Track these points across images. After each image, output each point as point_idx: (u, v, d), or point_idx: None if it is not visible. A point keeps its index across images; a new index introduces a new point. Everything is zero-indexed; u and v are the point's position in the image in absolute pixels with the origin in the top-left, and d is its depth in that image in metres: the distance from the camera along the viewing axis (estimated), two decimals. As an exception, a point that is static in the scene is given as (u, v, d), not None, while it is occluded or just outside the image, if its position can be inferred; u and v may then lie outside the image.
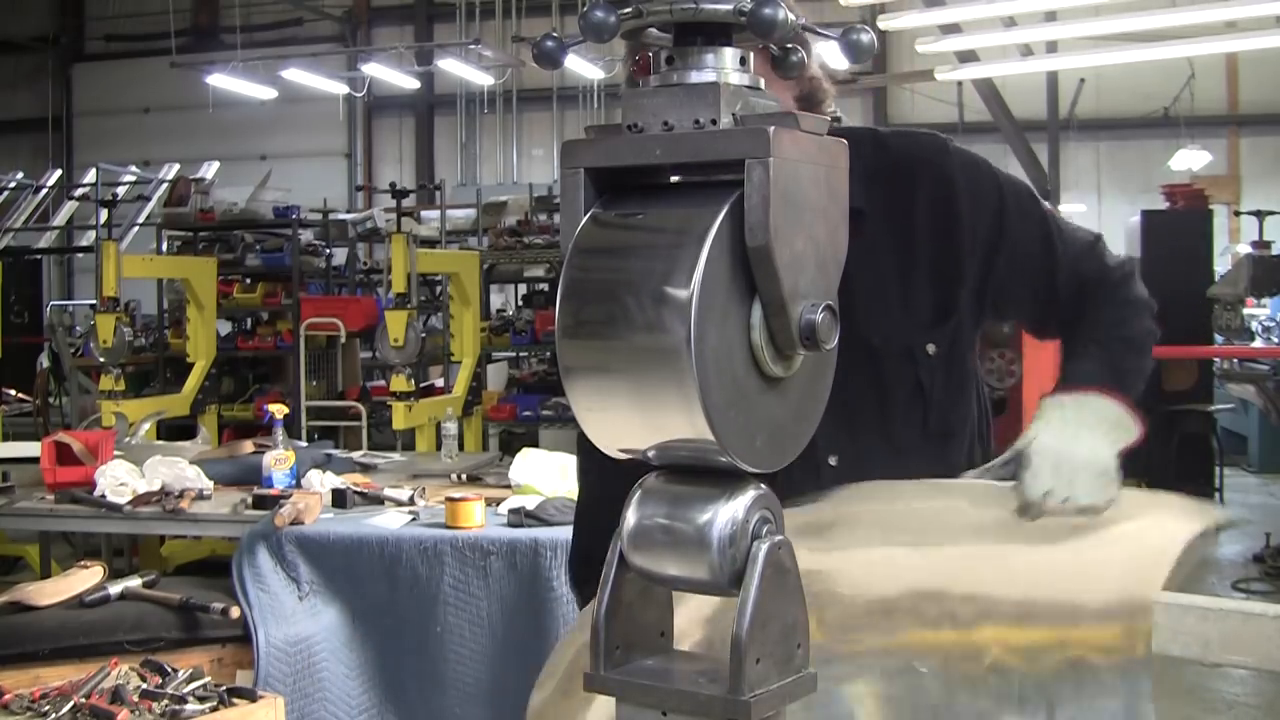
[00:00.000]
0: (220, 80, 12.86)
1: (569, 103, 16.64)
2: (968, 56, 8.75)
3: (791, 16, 1.08)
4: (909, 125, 12.68)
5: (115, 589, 3.77)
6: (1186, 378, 9.46)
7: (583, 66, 12.91)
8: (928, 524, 1.52)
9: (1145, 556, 1.56)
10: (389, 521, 4.04)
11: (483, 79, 13.92)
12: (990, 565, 1.52)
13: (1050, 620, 1.51)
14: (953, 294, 1.81)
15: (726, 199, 1.07)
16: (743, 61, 1.13)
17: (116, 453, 4.92)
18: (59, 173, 14.95)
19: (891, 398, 1.78)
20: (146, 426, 6.51)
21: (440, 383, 9.16)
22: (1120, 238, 11.02)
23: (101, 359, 7.01)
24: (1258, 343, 10.94)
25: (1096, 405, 1.65)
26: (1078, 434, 1.58)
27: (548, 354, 10.32)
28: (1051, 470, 1.51)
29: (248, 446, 5.24)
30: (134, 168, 14.22)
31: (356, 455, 5.61)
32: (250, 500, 4.41)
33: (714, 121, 1.08)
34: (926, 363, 1.79)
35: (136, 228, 11.60)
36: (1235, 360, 9.85)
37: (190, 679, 3.25)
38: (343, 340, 9.30)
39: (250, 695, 3.27)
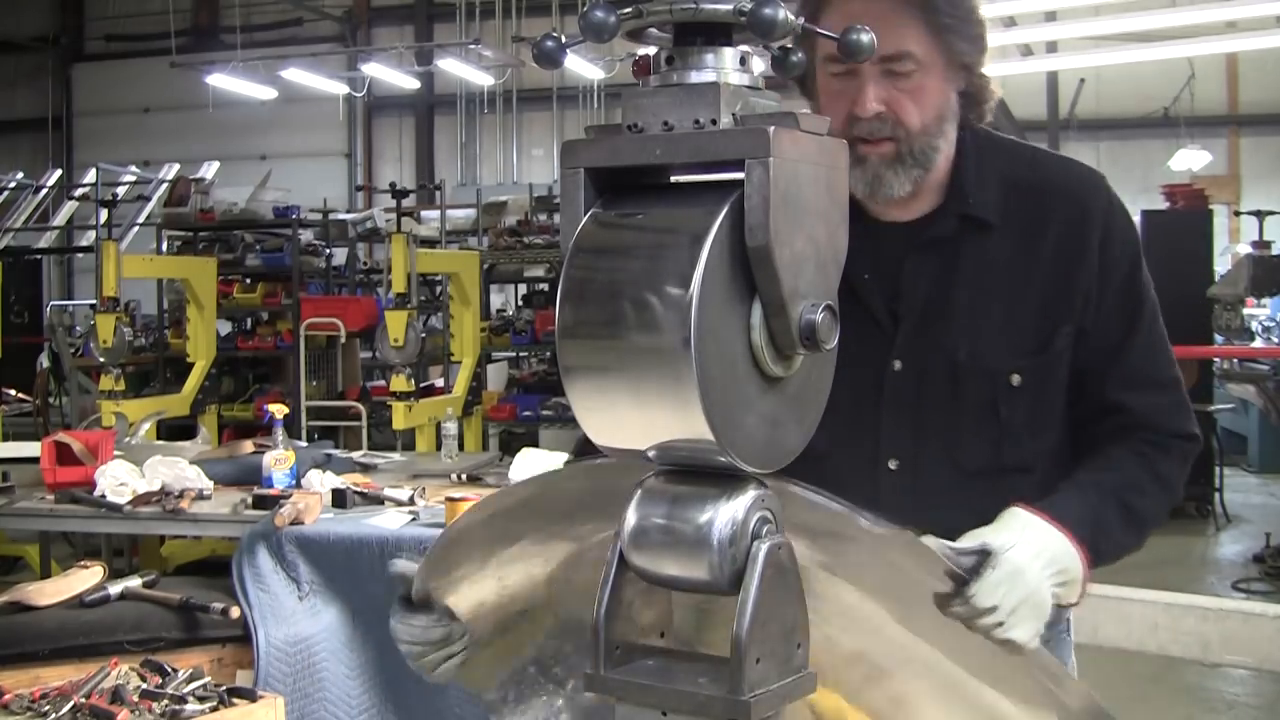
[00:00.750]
0: (220, 80, 12.86)
1: (569, 103, 16.63)
2: (968, 56, 8.73)
3: (791, 16, 1.08)
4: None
5: (115, 589, 3.77)
6: (1186, 378, 9.44)
7: (583, 66, 12.91)
8: (909, 591, 1.39)
9: None
10: (389, 521, 4.04)
11: (483, 79, 13.92)
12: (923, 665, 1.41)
13: None
14: (1055, 330, 1.72)
15: (726, 199, 1.07)
16: (743, 61, 1.13)
17: (116, 453, 4.92)
18: (59, 173, 14.95)
19: (964, 418, 1.71)
20: (146, 426, 6.52)
21: (440, 383, 9.16)
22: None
23: (101, 359, 7.01)
24: (1258, 343, 10.94)
25: (1063, 551, 1.51)
26: (1037, 567, 1.45)
27: (548, 354, 10.32)
28: (1006, 590, 1.37)
29: (248, 446, 5.24)
30: (134, 168, 14.22)
31: (356, 455, 5.61)
32: (250, 500, 4.41)
33: (714, 121, 1.08)
34: (1008, 392, 1.71)
35: (136, 228, 11.60)
36: (1235, 360, 9.85)
37: (190, 679, 3.25)
38: (343, 340, 9.30)
39: (250, 695, 3.27)
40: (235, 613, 3.67)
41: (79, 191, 13.30)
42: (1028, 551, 1.44)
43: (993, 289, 1.72)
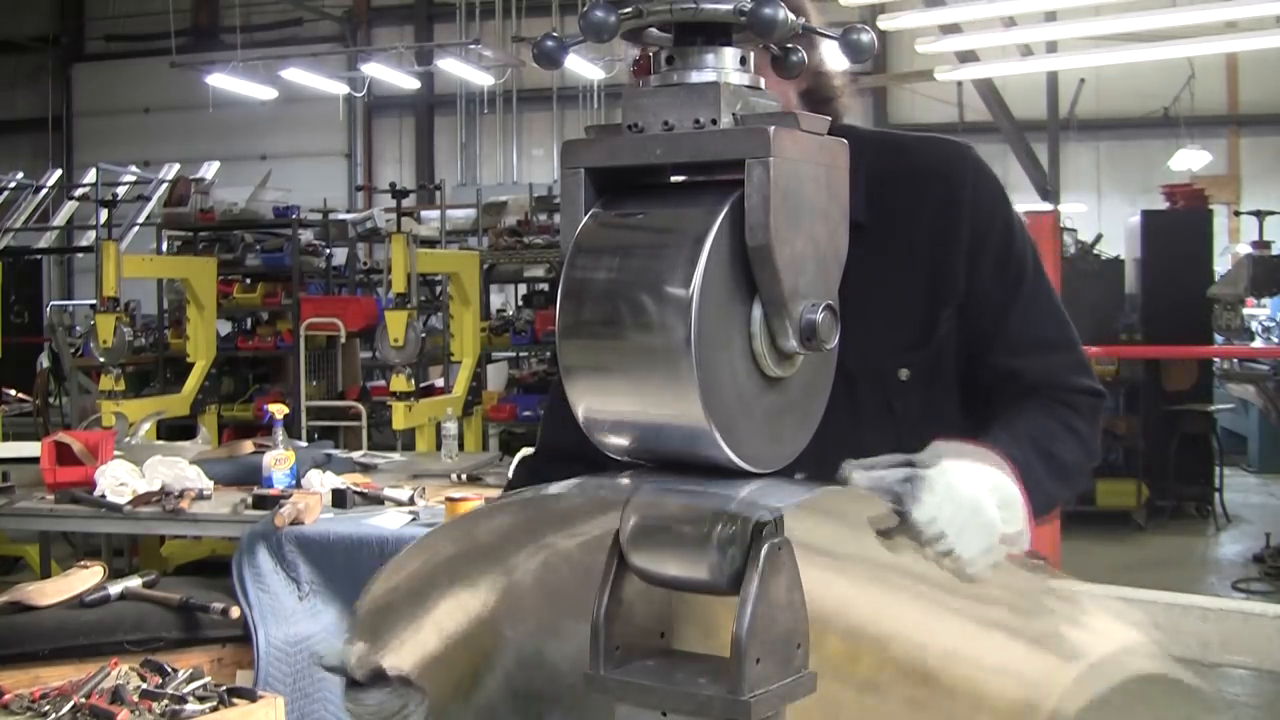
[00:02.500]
0: (220, 80, 12.86)
1: (569, 103, 16.62)
2: (968, 56, 8.76)
3: (791, 16, 1.08)
4: (919, 127, 12.71)
5: (115, 589, 3.77)
6: (1186, 378, 9.47)
7: (583, 66, 12.91)
8: (851, 546, 1.35)
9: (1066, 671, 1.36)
10: (389, 521, 4.04)
11: (483, 79, 13.92)
12: (899, 609, 1.37)
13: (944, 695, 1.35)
14: (937, 315, 1.70)
15: (727, 199, 1.07)
16: (743, 61, 1.13)
17: (116, 453, 4.92)
18: (59, 173, 14.95)
19: (863, 421, 1.66)
20: (146, 426, 6.51)
21: (440, 383, 9.15)
22: (1120, 238, 11.03)
23: (101, 359, 7.01)
24: (1258, 343, 10.95)
25: (995, 474, 1.41)
26: (973, 482, 1.36)
27: (548, 354, 10.32)
28: (948, 507, 1.31)
29: (248, 446, 5.24)
30: (134, 168, 14.21)
31: (356, 455, 5.61)
32: (250, 500, 4.41)
33: (714, 121, 1.08)
34: (899, 387, 1.69)
35: (136, 228, 11.60)
36: (1235, 360, 9.86)
37: (190, 679, 3.25)
38: (343, 340, 9.30)
39: (250, 695, 3.27)
40: (235, 613, 3.67)
41: (79, 191, 13.30)
42: (958, 468, 1.36)
43: (873, 288, 1.67)
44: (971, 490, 1.35)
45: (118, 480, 4.51)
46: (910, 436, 1.58)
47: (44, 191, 13.38)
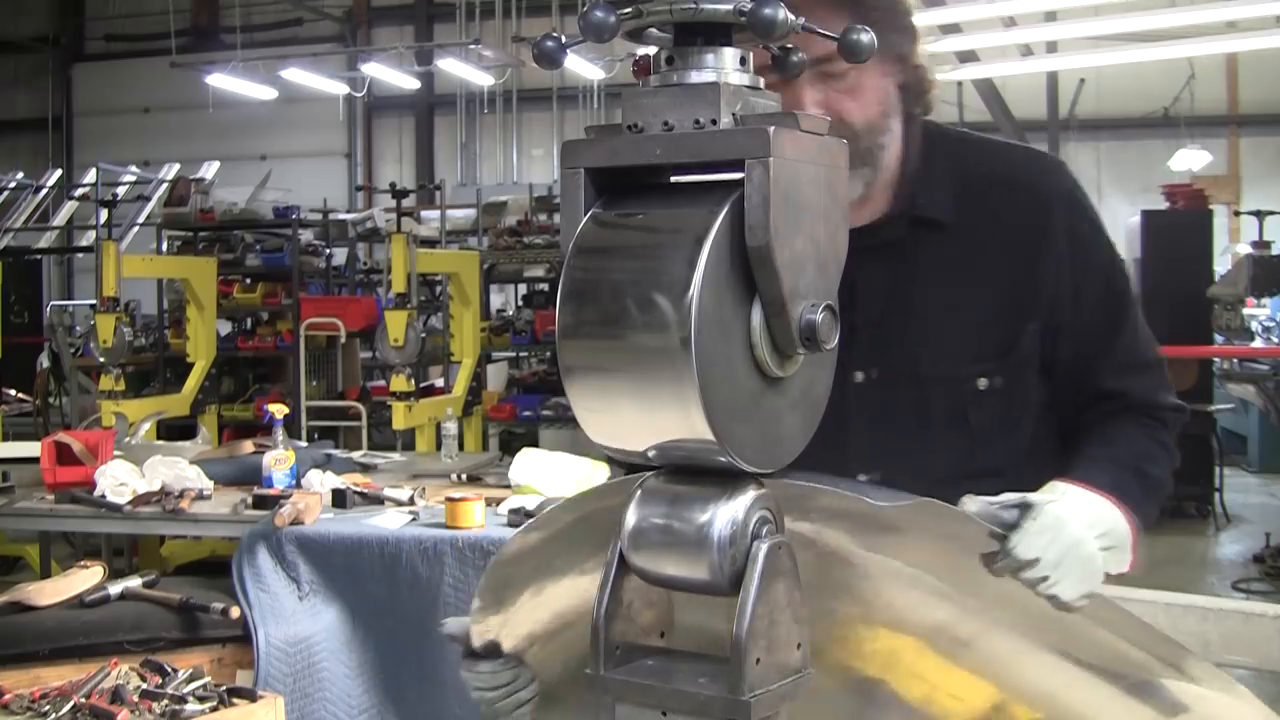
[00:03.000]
0: (220, 80, 12.86)
1: (569, 103, 16.62)
2: (968, 56, 8.75)
3: (791, 16, 1.08)
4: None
5: (115, 589, 3.77)
6: (1186, 378, 9.46)
7: (583, 66, 12.90)
8: (977, 582, 1.37)
9: None
10: (389, 521, 4.04)
11: (483, 79, 13.91)
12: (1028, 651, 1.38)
13: None
14: (1021, 328, 1.67)
15: (727, 199, 1.07)
16: (743, 61, 1.13)
17: (116, 453, 4.92)
18: (59, 173, 14.94)
19: (933, 428, 1.66)
20: (146, 426, 6.51)
21: (440, 383, 9.16)
22: (1120, 237, 11.03)
23: (101, 359, 7.01)
24: (1258, 343, 10.93)
25: (1107, 514, 1.47)
26: (1082, 522, 1.41)
27: (548, 354, 10.32)
28: (1048, 542, 1.35)
29: (248, 446, 5.24)
30: (134, 168, 14.21)
31: (356, 455, 5.61)
32: (250, 500, 4.41)
33: (714, 121, 1.08)
34: (975, 396, 1.66)
35: (136, 228, 11.60)
36: (1235, 360, 9.85)
37: (190, 679, 3.25)
38: (343, 340, 9.30)
39: (250, 695, 3.27)
40: (235, 613, 3.67)
41: (79, 191, 13.29)
42: (1070, 507, 1.41)
43: (952, 292, 1.67)
44: (1078, 527, 1.39)
45: (118, 480, 4.51)
46: (983, 447, 1.61)
47: (44, 191, 13.37)
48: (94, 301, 7.46)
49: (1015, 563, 1.33)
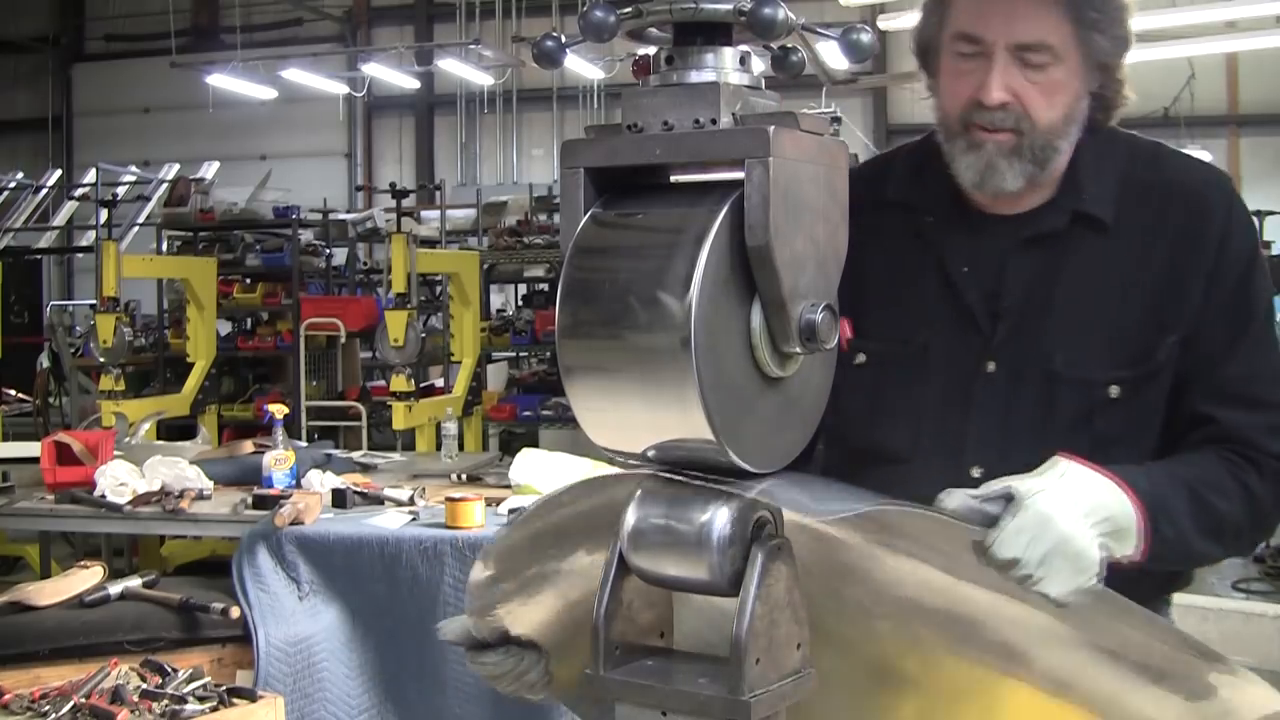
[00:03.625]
0: (220, 80, 12.85)
1: (569, 103, 16.62)
2: (968, 56, 8.73)
3: (791, 16, 1.08)
4: (919, 128, 12.68)
5: (115, 589, 3.77)
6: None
7: (583, 66, 12.90)
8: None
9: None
10: (389, 521, 4.04)
11: (483, 79, 13.91)
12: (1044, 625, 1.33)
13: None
14: (1159, 339, 1.60)
15: (727, 199, 1.07)
16: (743, 61, 1.13)
17: (116, 453, 4.91)
18: (59, 173, 14.93)
19: (1056, 428, 1.58)
20: (146, 426, 6.51)
21: (440, 383, 9.15)
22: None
23: (101, 359, 7.00)
24: (1258, 343, 10.92)
25: (1110, 499, 1.38)
26: (1073, 513, 1.33)
27: (548, 354, 10.32)
28: (1030, 539, 1.29)
29: (248, 446, 5.23)
30: (134, 168, 14.20)
31: (356, 455, 5.60)
32: (250, 500, 4.41)
33: (714, 121, 1.08)
34: (1105, 404, 1.59)
35: (136, 228, 11.59)
36: (1235, 360, 9.84)
37: (190, 679, 3.25)
38: (343, 340, 9.29)
39: (250, 695, 3.27)
40: (235, 613, 3.67)
41: (79, 191, 13.28)
42: (1058, 497, 1.33)
43: (1099, 293, 1.62)
44: (1066, 520, 1.32)
45: (118, 480, 4.51)
46: (1104, 457, 1.50)
47: (44, 191, 13.36)
48: (94, 301, 7.46)
49: (996, 562, 1.30)
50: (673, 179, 1.16)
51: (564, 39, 1.14)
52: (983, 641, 1.34)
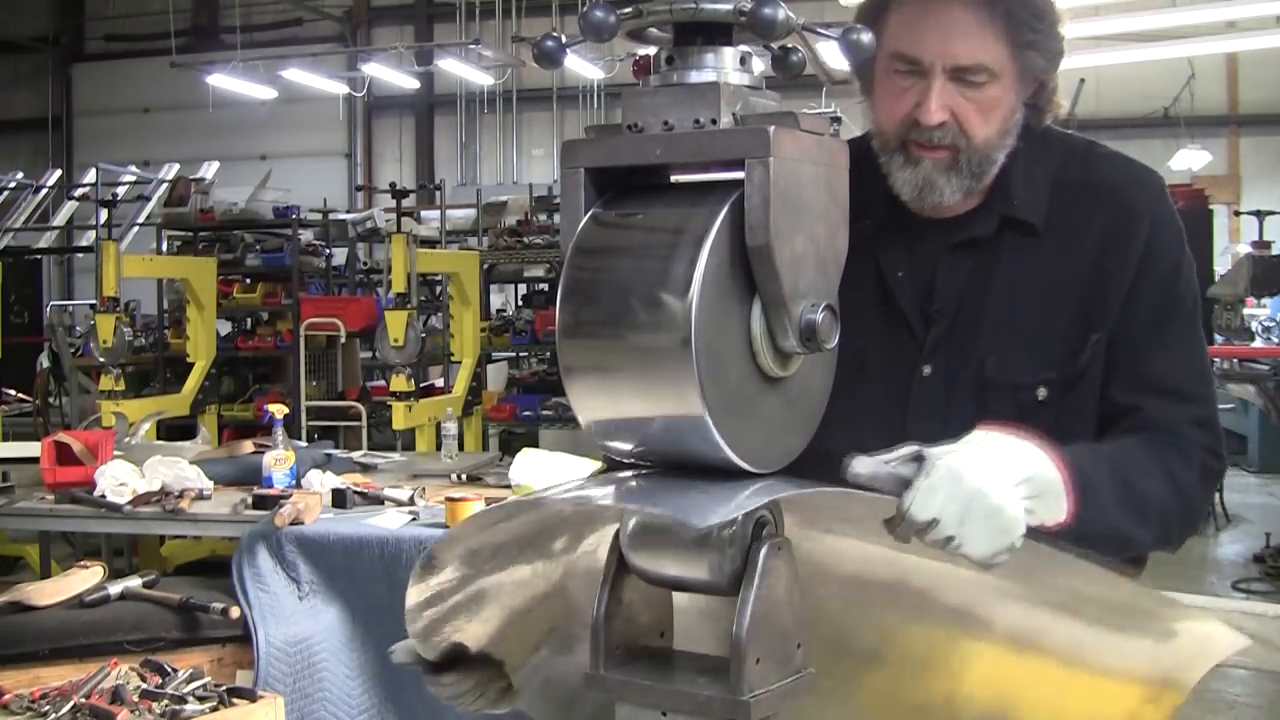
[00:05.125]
0: (220, 80, 12.86)
1: (569, 103, 16.63)
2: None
3: (791, 16, 1.08)
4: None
5: (115, 589, 3.77)
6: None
7: (583, 66, 12.90)
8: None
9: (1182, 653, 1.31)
10: (389, 521, 4.04)
11: (483, 79, 13.92)
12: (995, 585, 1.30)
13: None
14: (1085, 339, 1.62)
15: (727, 199, 1.07)
16: (743, 61, 1.12)
17: (116, 453, 4.91)
18: (59, 173, 14.94)
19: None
20: (146, 426, 6.50)
21: (440, 383, 9.15)
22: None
23: (101, 359, 7.01)
24: (1258, 343, 10.92)
25: (1031, 460, 1.33)
26: (988, 471, 1.26)
27: (548, 354, 10.32)
28: (945, 498, 1.22)
29: (248, 446, 5.23)
30: (134, 168, 14.21)
31: (356, 455, 5.60)
32: (250, 500, 4.40)
33: (714, 121, 1.08)
34: (1034, 407, 1.60)
35: (136, 228, 11.60)
36: (1235, 360, 9.84)
37: (190, 679, 3.25)
38: (343, 340, 9.29)
39: (250, 695, 3.27)
40: (235, 613, 3.67)
41: (79, 191, 13.28)
42: (970, 455, 1.27)
43: (1028, 296, 1.63)
44: (980, 476, 1.25)
45: (118, 480, 4.50)
46: None
47: (44, 191, 13.36)
48: (94, 301, 7.46)
49: (914, 524, 1.22)
50: (673, 179, 1.16)
51: (564, 39, 1.14)
52: (938, 609, 1.33)
